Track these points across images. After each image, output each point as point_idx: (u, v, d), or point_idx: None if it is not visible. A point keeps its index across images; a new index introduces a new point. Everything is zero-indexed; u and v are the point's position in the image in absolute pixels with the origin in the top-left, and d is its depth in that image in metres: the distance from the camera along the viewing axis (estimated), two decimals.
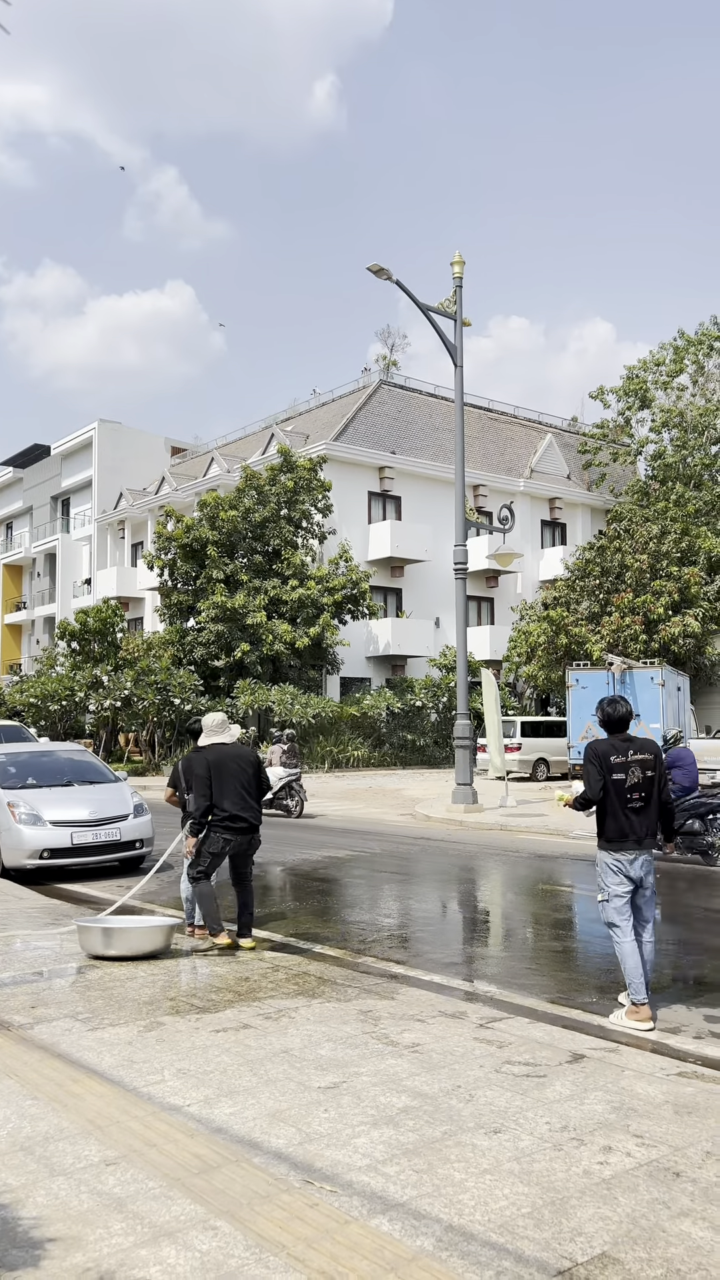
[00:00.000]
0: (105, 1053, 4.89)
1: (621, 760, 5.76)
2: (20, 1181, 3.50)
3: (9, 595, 53.40)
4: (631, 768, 5.75)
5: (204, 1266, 2.93)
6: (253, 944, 7.28)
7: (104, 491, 46.09)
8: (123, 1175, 3.54)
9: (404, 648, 33.96)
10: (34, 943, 7.50)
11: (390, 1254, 3.00)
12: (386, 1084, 4.45)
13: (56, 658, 35.61)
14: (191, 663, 31.02)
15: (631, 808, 5.74)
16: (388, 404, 38.71)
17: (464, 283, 18.47)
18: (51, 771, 12.08)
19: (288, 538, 30.85)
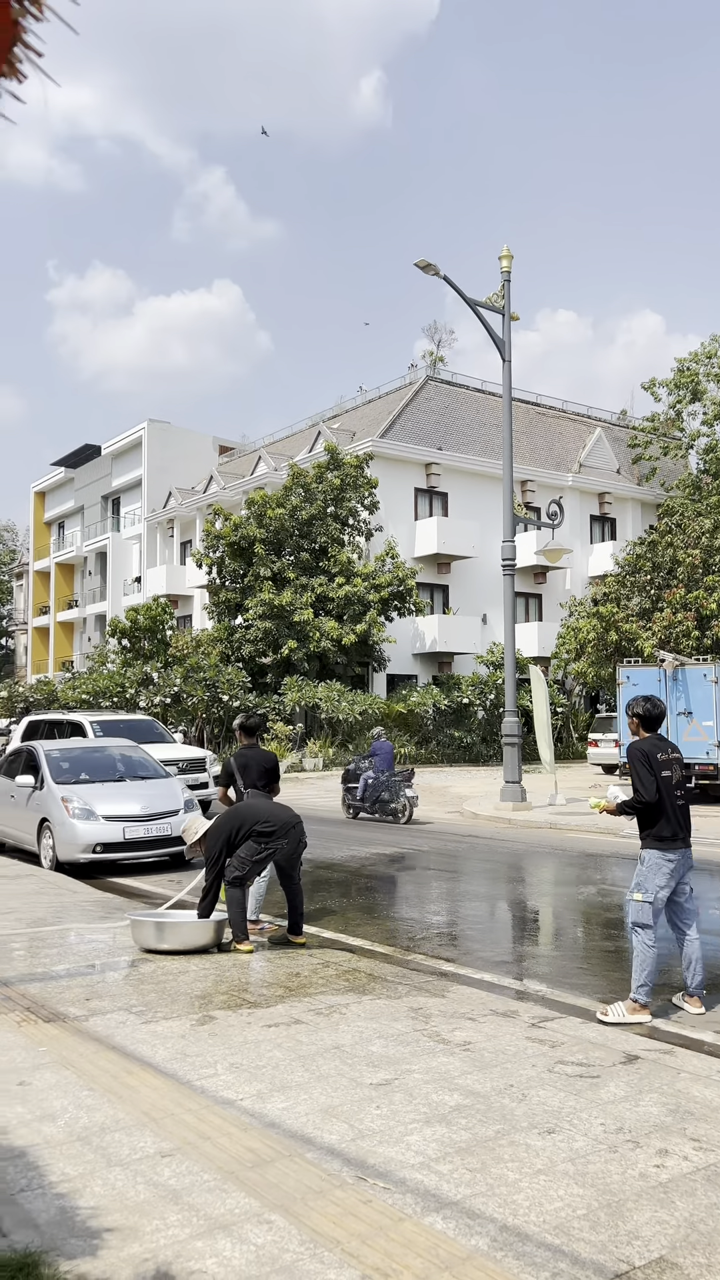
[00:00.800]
0: (159, 1045, 4.94)
1: (666, 758, 5.77)
2: (78, 1171, 3.55)
3: (61, 594, 54.16)
4: (674, 765, 5.79)
5: (259, 1260, 2.95)
6: (303, 940, 7.31)
7: (153, 491, 46.55)
8: (178, 1167, 3.57)
9: (451, 645, 33.84)
10: (88, 936, 7.60)
11: (445, 1253, 2.99)
12: (438, 1082, 4.44)
13: (107, 655, 36.04)
14: (239, 660, 31.23)
15: (679, 805, 5.74)
16: (434, 400, 38.59)
17: (512, 277, 18.34)
18: (104, 767, 12.24)
19: (334, 535, 30.90)
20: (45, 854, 11.27)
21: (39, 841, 11.42)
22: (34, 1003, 5.70)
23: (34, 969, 6.53)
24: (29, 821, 11.68)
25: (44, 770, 11.65)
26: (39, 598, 57.18)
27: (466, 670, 33.87)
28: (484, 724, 31.59)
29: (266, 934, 7.68)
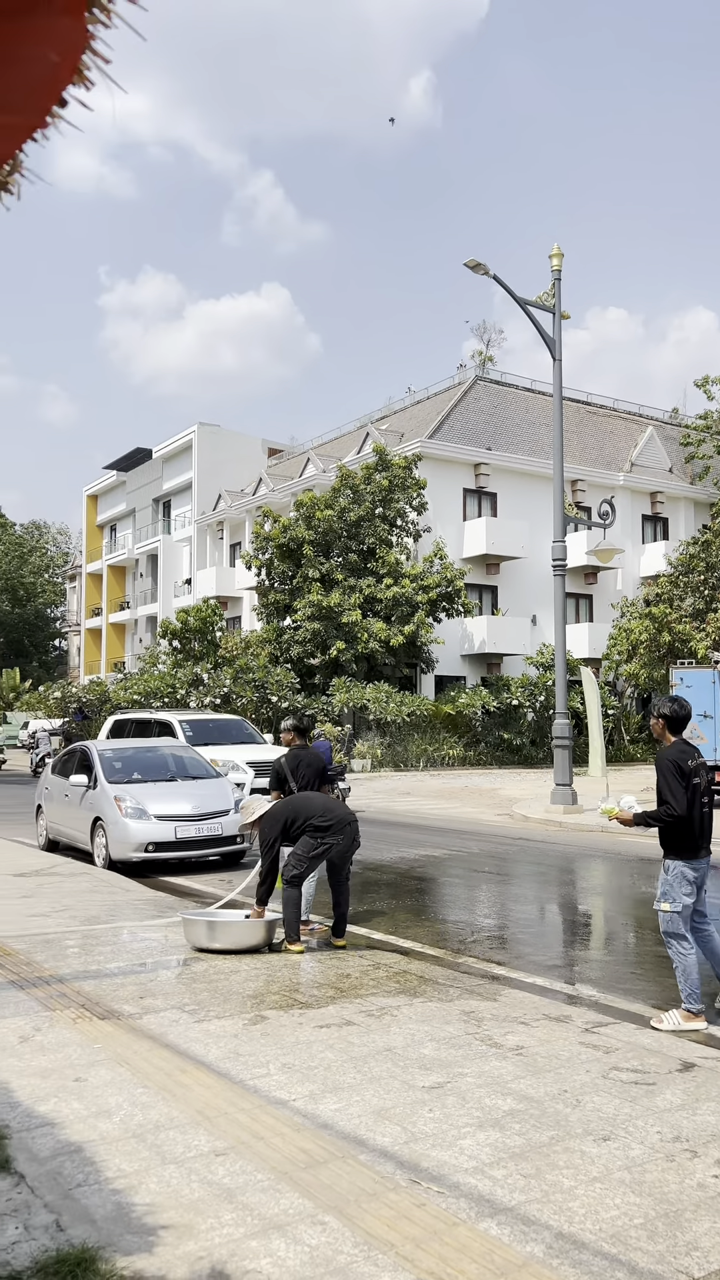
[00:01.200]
0: (212, 1044, 4.97)
1: (694, 765, 5.66)
2: (134, 1168, 3.58)
3: (113, 595, 54.84)
4: (700, 772, 5.68)
5: (313, 1261, 2.95)
6: (343, 943, 7.30)
7: (203, 493, 46.94)
8: (232, 1166, 3.59)
9: (500, 646, 33.64)
10: (140, 934, 7.68)
11: (500, 1259, 2.97)
12: (491, 1086, 4.41)
13: (158, 656, 36.41)
14: (288, 661, 31.35)
15: (704, 812, 5.66)
16: (483, 400, 38.39)
17: (562, 275, 18.19)
18: (156, 767, 12.36)
19: (383, 536, 30.88)
20: (98, 852, 11.41)
21: (92, 840, 11.57)
22: (89, 1000, 5.77)
23: (88, 966, 6.62)
24: (83, 820, 11.84)
25: (97, 770, 11.79)
26: (91, 599, 57.95)
27: (516, 672, 33.64)
28: (533, 726, 31.35)
29: (316, 934, 7.70)
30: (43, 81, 1.04)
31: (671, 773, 5.60)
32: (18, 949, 7.08)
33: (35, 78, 1.04)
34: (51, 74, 1.04)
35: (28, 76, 1.03)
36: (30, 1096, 4.25)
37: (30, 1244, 3.04)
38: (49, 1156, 3.66)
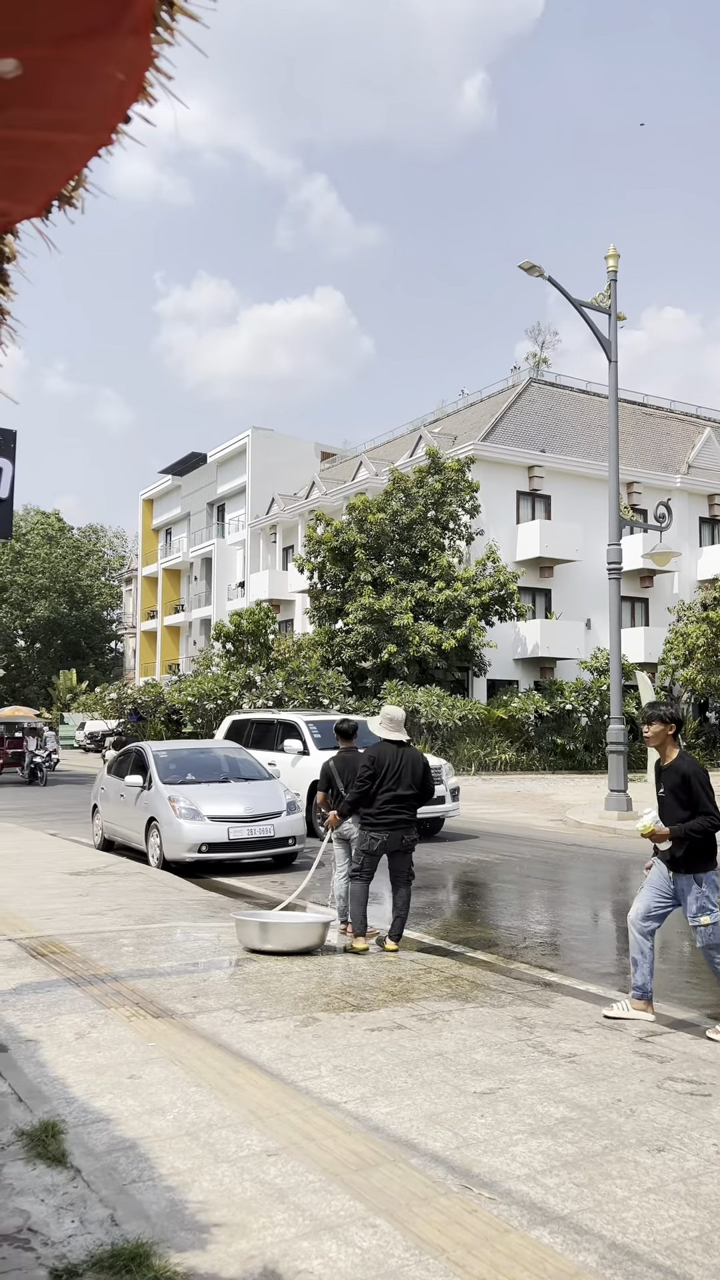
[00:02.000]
0: (264, 1045, 5.00)
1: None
2: (187, 1166, 3.62)
3: (168, 598, 55.50)
4: None
5: (364, 1264, 2.95)
6: (396, 947, 7.29)
7: (257, 497, 47.30)
8: (284, 1166, 3.61)
9: (553, 650, 33.37)
10: (193, 934, 7.76)
11: (552, 1267, 2.94)
12: (544, 1093, 4.38)
13: (212, 658, 36.76)
14: (340, 664, 31.43)
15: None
16: (537, 402, 38.14)
17: (618, 276, 18.01)
18: (209, 768, 12.48)
19: (435, 539, 30.83)
20: (153, 852, 11.55)
21: (146, 840, 11.71)
22: (143, 998, 5.84)
23: (142, 965, 6.70)
24: (137, 820, 11.99)
25: (152, 770, 11.94)
26: (147, 602, 58.71)
27: (569, 676, 33.34)
28: (587, 731, 31.04)
29: (372, 937, 7.70)
30: (110, 100, 1.07)
31: (708, 781, 5.43)
32: (74, 946, 7.19)
33: (103, 97, 1.06)
34: (118, 93, 1.07)
35: (96, 96, 1.06)
36: (86, 1092, 4.31)
37: (86, 1238, 3.09)
38: (104, 1152, 3.72)
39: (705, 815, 5.36)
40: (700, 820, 5.36)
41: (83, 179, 1.23)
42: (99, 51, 0.98)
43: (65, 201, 1.26)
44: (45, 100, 1.00)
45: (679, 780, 5.41)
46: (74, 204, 1.27)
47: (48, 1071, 4.56)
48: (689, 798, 5.38)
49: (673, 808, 5.41)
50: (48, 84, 0.98)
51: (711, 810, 5.37)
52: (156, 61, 1.08)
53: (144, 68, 1.06)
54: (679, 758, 5.51)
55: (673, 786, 5.44)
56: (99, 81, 1.03)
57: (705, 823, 5.35)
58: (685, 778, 5.40)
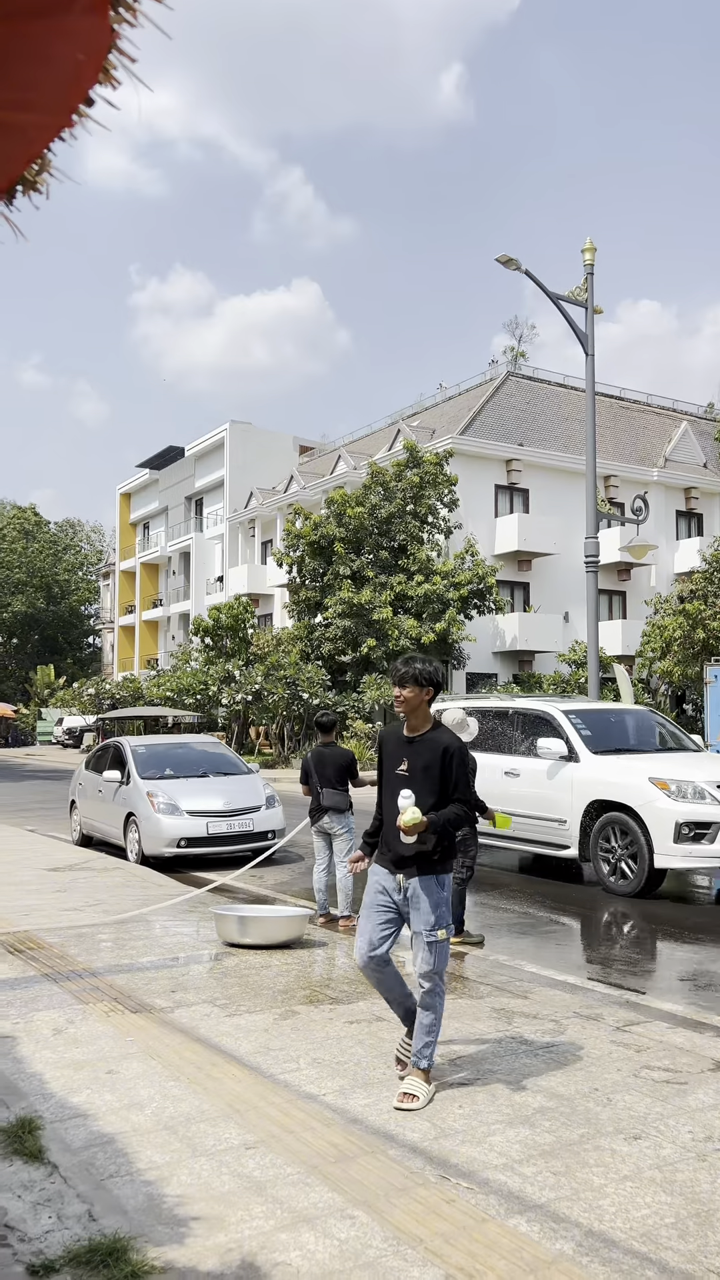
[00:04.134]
0: (242, 1039, 5.00)
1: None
2: (165, 1160, 3.61)
3: (146, 593, 55.24)
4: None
5: (343, 1254, 2.96)
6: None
7: (235, 491, 47.13)
8: (262, 1159, 3.61)
9: (532, 643, 33.49)
10: (173, 929, 7.74)
11: (529, 1255, 2.96)
12: (521, 1083, 4.40)
13: (191, 653, 36.65)
14: (319, 658, 31.42)
15: None
16: (515, 396, 38.20)
17: (595, 269, 18.05)
18: (188, 763, 12.44)
19: (414, 533, 30.86)
20: (131, 847, 11.51)
21: (125, 835, 11.67)
22: (121, 993, 5.82)
23: (121, 960, 6.68)
24: (116, 815, 11.94)
25: (130, 765, 11.89)
26: (125, 597, 58.41)
27: (548, 669, 33.48)
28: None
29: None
30: (69, 81, 1.05)
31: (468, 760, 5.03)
32: (51, 942, 7.16)
33: (61, 77, 1.05)
34: (77, 73, 1.05)
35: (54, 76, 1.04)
36: (63, 1088, 4.29)
37: (63, 1233, 3.08)
38: (82, 1147, 3.70)
39: (462, 801, 4.37)
40: (455, 808, 4.33)
41: (46, 163, 1.22)
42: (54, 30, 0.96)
43: (29, 186, 1.24)
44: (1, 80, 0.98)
45: (436, 756, 4.33)
46: (38, 189, 1.25)
47: (25, 1067, 4.54)
48: (445, 778, 4.35)
49: (422, 792, 4.30)
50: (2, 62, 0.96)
51: (470, 794, 4.66)
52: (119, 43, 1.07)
53: (103, 48, 1.05)
54: (437, 729, 4.45)
55: (426, 764, 4.33)
56: (56, 61, 1.02)
57: (461, 811, 4.34)
58: (447, 754, 4.35)
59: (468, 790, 4.52)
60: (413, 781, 4.31)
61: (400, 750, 4.44)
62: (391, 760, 4.46)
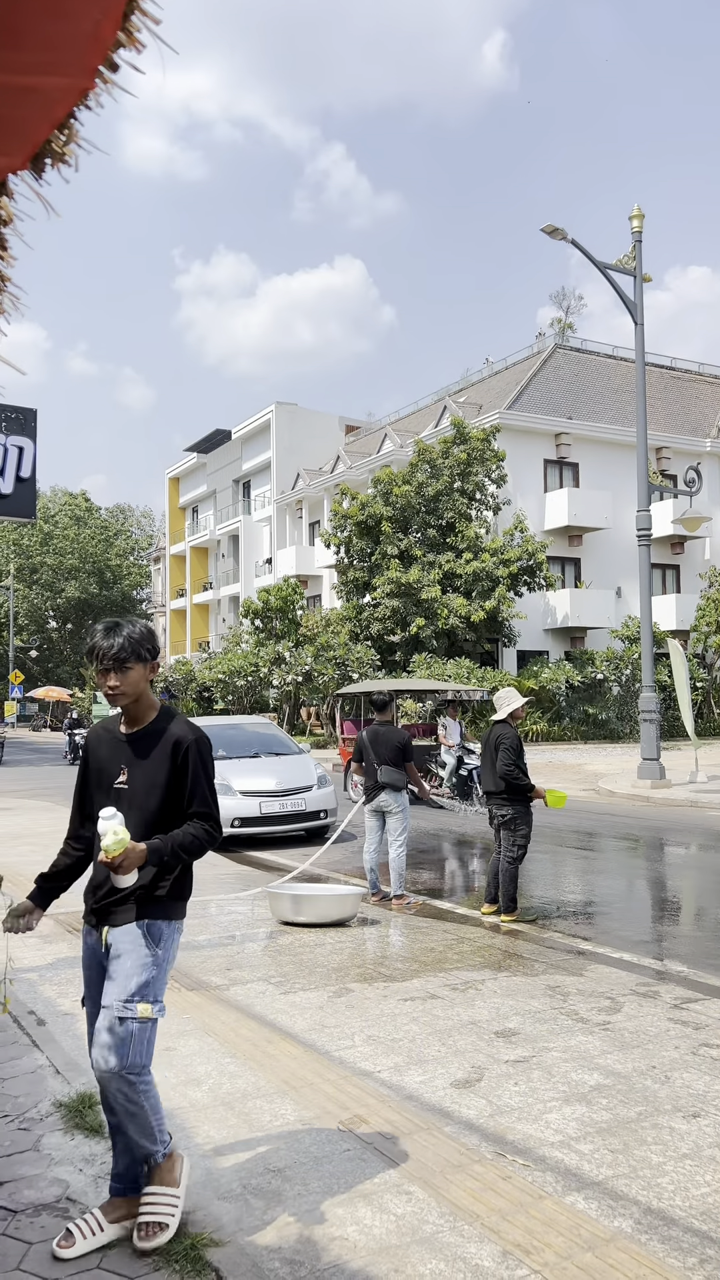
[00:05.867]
0: (297, 1016, 5.03)
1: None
2: (223, 1135, 3.65)
3: (197, 576, 55.66)
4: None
5: (399, 1230, 2.97)
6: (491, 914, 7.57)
7: (282, 473, 47.20)
8: (318, 1135, 3.63)
9: (583, 619, 33.13)
10: (227, 907, 7.81)
11: (587, 1232, 2.94)
12: (578, 1060, 4.37)
13: (241, 635, 36.88)
14: (368, 638, 31.41)
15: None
16: (563, 368, 37.67)
17: (643, 236, 17.67)
18: (240, 744, 12.54)
19: (461, 510, 30.63)
20: None
21: None
22: (178, 971, 5.89)
23: None
24: None
25: None
26: (175, 581, 58.92)
27: (600, 645, 33.12)
28: (619, 700, 30.84)
29: (412, 909, 7.74)
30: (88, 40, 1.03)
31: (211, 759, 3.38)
32: None
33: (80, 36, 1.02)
34: (95, 32, 1.02)
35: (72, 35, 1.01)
36: None
37: None
38: None
39: (202, 818, 3.09)
40: (194, 828, 3.05)
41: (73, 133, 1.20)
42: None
43: (57, 158, 1.22)
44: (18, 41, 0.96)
45: (165, 756, 3.09)
46: (67, 161, 1.23)
47: (84, 1044, 4.60)
48: (177, 785, 3.09)
49: (146, 807, 3.05)
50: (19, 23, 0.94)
51: (212, 807, 3.13)
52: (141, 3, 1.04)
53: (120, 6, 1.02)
54: (166, 719, 3.17)
55: (151, 771, 3.08)
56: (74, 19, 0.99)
57: (202, 832, 3.06)
58: (180, 750, 3.09)
59: (209, 802, 3.10)
60: (133, 796, 3.04)
61: (117, 755, 3.10)
62: (105, 770, 3.12)
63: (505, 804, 7.35)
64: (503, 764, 7.21)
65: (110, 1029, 2.88)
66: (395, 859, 7.94)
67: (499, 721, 7.46)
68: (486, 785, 7.46)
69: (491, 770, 7.34)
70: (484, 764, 7.52)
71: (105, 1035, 2.89)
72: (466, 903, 8.21)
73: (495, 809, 7.43)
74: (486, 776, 7.45)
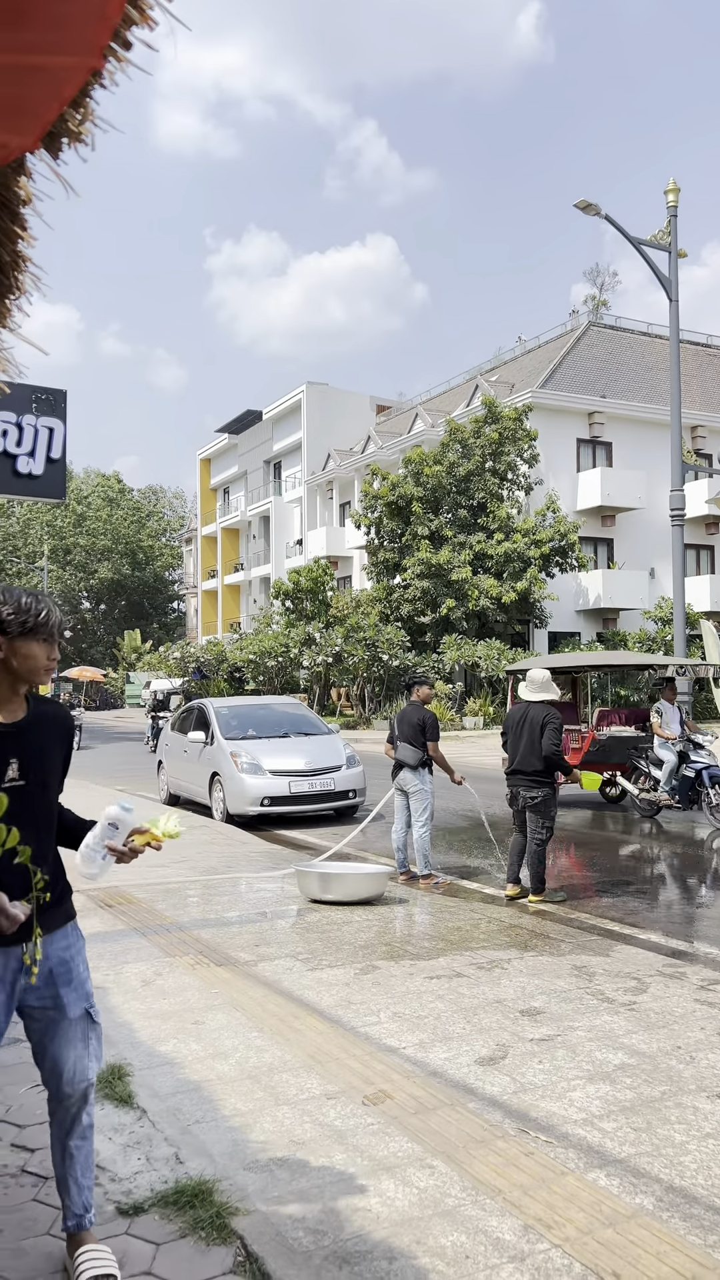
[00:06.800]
0: (324, 992, 5.08)
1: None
2: (249, 1108, 3.70)
3: (228, 557, 55.84)
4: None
5: (421, 1203, 3.00)
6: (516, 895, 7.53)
7: (313, 453, 47.13)
8: (342, 1109, 3.67)
9: (616, 600, 32.87)
10: (257, 885, 7.89)
11: (608, 1209, 2.96)
12: (602, 1040, 4.38)
13: (272, 616, 36.99)
14: (398, 619, 31.38)
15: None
16: (597, 346, 37.23)
17: (678, 211, 17.38)
18: (270, 723, 12.61)
19: (493, 490, 30.44)
20: (216, 806, 11.74)
21: (210, 794, 11.91)
22: (207, 947, 5.97)
23: (207, 915, 6.84)
24: (201, 775, 12.19)
25: (214, 726, 12.10)
26: (207, 562, 59.15)
27: (633, 627, 32.86)
28: (651, 682, 30.59)
29: (440, 888, 7.77)
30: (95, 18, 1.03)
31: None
32: (140, 898, 7.36)
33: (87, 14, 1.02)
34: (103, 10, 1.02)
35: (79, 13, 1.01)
36: (151, 1037, 4.43)
37: (151, 1175, 3.19)
38: (169, 1094, 3.82)
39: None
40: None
41: (89, 112, 1.20)
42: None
43: (74, 138, 1.23)
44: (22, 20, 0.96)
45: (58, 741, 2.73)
46: (84, 140, 1.24)
47: (115, 1017, 4.69)
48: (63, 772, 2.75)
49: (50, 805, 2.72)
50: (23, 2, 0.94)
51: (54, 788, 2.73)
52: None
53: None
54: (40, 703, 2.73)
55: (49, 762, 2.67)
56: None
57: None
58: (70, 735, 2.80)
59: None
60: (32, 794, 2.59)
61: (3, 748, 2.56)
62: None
63: (535, 785, 7.34)
64: (550, 743, 7.23)
65: (89, 1037, 2.69)
66: (419, 839, 7.97)
67: (537, 703, 7.48)
68: (519, 764, 7.42)
69: (531, 749, 7.34)
70: (518, 741, 7.48)
71: (90, 1045, 2.70)
72: (494, 883, 8.22)
73: (523, 790, 7.41)
74: (522, 755, 7.42)
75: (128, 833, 2.74)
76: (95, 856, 2.69)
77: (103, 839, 2.70)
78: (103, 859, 2.70)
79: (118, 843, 2.71)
